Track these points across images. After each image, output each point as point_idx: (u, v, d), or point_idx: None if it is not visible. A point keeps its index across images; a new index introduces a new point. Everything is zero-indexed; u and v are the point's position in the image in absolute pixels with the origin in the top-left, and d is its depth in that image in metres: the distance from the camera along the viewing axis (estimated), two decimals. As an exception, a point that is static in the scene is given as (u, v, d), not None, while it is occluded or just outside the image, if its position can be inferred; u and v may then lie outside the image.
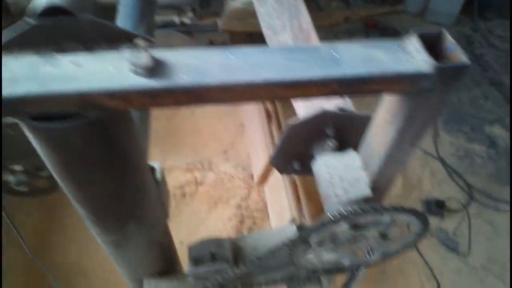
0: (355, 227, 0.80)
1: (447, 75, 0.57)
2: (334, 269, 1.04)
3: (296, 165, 1.11)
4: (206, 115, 2.77)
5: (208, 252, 1.01)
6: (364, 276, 2.25)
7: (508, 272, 2.36)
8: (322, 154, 0.98)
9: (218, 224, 2.16)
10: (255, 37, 2.21)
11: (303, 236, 0.78)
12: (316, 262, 0.96)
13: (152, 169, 0.99)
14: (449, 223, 2.52)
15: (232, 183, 2.30)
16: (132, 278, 1.15)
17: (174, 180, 2.32)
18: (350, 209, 0.73)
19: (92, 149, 0.64)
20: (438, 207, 2.50)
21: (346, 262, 0.97)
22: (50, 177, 0.75)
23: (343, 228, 0.78)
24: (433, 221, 2.51)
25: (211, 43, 3.18)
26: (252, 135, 2.36)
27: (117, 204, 0.82)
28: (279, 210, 1.94)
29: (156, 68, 0.56)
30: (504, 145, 2.99)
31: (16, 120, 0.56)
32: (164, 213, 1.04)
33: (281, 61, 0.57)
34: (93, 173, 0.70)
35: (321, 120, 0.97)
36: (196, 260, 1.01)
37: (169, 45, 0.65)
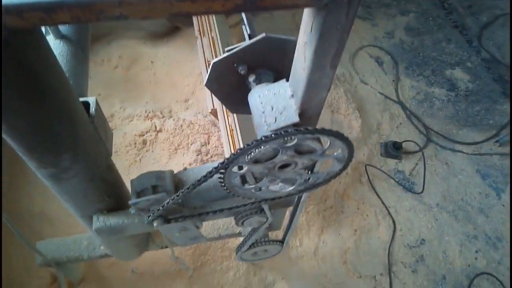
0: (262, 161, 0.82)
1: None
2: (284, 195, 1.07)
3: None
4: (166, 64, 2.72)
5: (150, 185, 1.02)
6: (323, 217, 2.33)
7: (461, 209, 2.49)
8: (256, 88, 0.99)
9: (180, 169, 2.17)
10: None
11: (227, 163, 0.80)
12: (260, 192, 0.99)
13: (87, 104, 0.99)
14: (406, 165, 2.60)
15: (192, 129, 2.31)
16: (80, 214, 1.17)
17: (134, 128, 2.30)
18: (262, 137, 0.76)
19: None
20: (395, 149, 2.56)
21: (301, 182, 1.00)
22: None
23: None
24: (391, 162, 2.59)
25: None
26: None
27: (44, 135, 0.81)
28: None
29: (49, -19, 0.55)
30: (464, 87, 3.04)
31: None
32: (104, 148, 1.05)
33: (181, -26, 0.57)
34: (8, 99, 0.69)
35: (225, 68, 0.98)
36: (138, 193, 1.03)
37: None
